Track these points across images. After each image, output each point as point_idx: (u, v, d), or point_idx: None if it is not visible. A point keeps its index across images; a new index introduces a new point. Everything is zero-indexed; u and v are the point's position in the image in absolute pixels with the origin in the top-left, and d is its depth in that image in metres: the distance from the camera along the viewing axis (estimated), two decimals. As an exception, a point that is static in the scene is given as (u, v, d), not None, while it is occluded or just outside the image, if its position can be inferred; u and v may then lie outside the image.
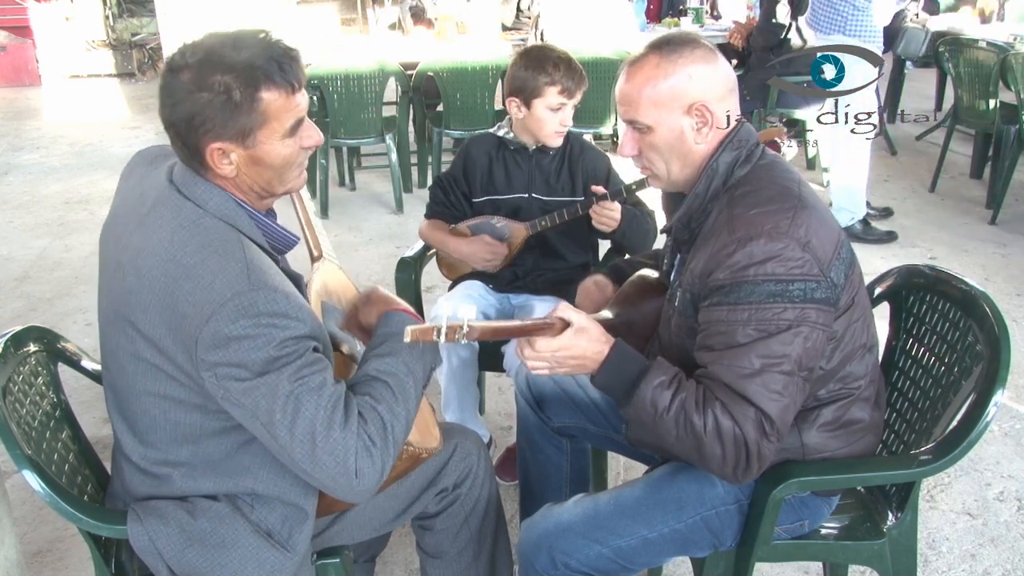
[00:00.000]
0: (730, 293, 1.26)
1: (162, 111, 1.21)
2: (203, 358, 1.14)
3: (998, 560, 2.07)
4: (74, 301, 3.65)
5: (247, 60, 1.17)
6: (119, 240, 1.27)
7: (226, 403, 1.17)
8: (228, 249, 1.18)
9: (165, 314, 1.16)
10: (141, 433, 1.28)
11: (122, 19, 9.66)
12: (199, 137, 1.19)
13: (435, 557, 1.62)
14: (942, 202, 4.74)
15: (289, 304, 1.16)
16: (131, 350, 1.22)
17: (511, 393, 2.56)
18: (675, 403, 1.26)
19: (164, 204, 1.24)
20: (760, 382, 1.23)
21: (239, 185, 1.26)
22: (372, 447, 1.19)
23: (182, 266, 1.16)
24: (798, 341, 1.24)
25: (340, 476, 1.17)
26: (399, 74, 4.58)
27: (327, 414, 1.16)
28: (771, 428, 1.24)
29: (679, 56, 1.34)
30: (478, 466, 1.58)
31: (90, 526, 1.30)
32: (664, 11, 6.55)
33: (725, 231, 1.29)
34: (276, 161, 1.24)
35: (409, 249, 2.48)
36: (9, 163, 6.15)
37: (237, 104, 1.16)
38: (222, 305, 1.12)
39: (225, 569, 1.28)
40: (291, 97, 1.21)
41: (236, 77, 1.16)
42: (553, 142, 2.19)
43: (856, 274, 1.36)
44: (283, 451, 1.18)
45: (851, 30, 3.83)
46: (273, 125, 1.20)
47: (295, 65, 1.21)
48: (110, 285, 1.27)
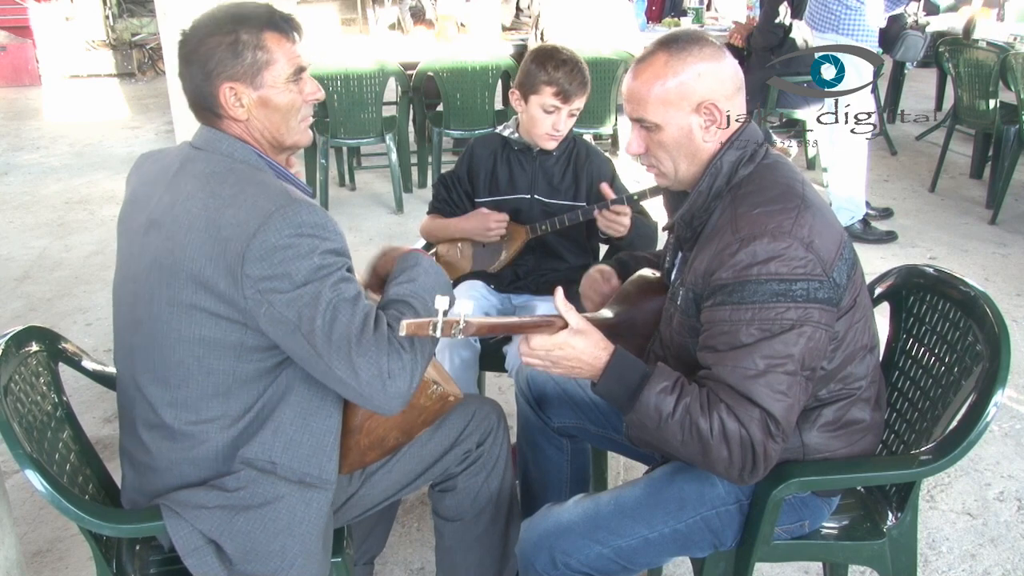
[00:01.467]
0: (733, 293, 1.26)
1: (180, 69, 1.34)
2: (248, 273, 1.22)
3: (998, 560, 2.07)
4: (74, 301, 3.65)
5: (252, 11, 1.34)
6: (146, 207, 1.35)
7: (268, 320, 1.24)
8: (264, 180, 1.30)
9: (206, 245, 1.24)
10: (174, 388, 1.32)
11: (122, 19, 9.65)
12: (213, 79, 1.32)
13: (453, 520, 1.64)
14: (942, 202, 4.75)
15: (327, 219, 1.27)
16: (167, 297, 1.28)
17: (511, 393, 2.56)
18: (679, 408, 1.26)
19: (191, 161, 1.34)
20: (764, 383, 1.23)
21: (252, 133, 1.36)
22: (402, 351, 1.26)
23: (222, 197, 1.26)
24: (801, 341, 1.24)
25: (375, 379, 1.23)
26: (399, 74, 4.59)
27: (361, 321, 1.24)
28: (776, 428, 1.24)
29: (688, 54, 1.34)
30: (497, 427, 1.64)
31: (93, 525, 1.30)
32: (666, 11, 6.55)
33: (728, 230, 1.29)
34: (282, 104, 1.36)
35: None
36: (9, 163, 6.15)
37: (245, 43, 1.31)
38: (268, 217, 1.22)
39: (277, 522, 1.32)
40: (292, 44, 1.36)
41: (243, 23, 1.32)
42: (544, 144, 2.18)
43: (858, 275, 1.36)
44: (320, 360, 1.24)
45: (844, 29, 3.87)
46: (277, 68, 1.34)
47: (294, 21, 1.37)
48: (142, 248, 1.33)
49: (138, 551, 1.50)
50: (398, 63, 4.59)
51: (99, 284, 3.79)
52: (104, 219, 4.75)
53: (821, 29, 3.97)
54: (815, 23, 4.01)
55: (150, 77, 9.61)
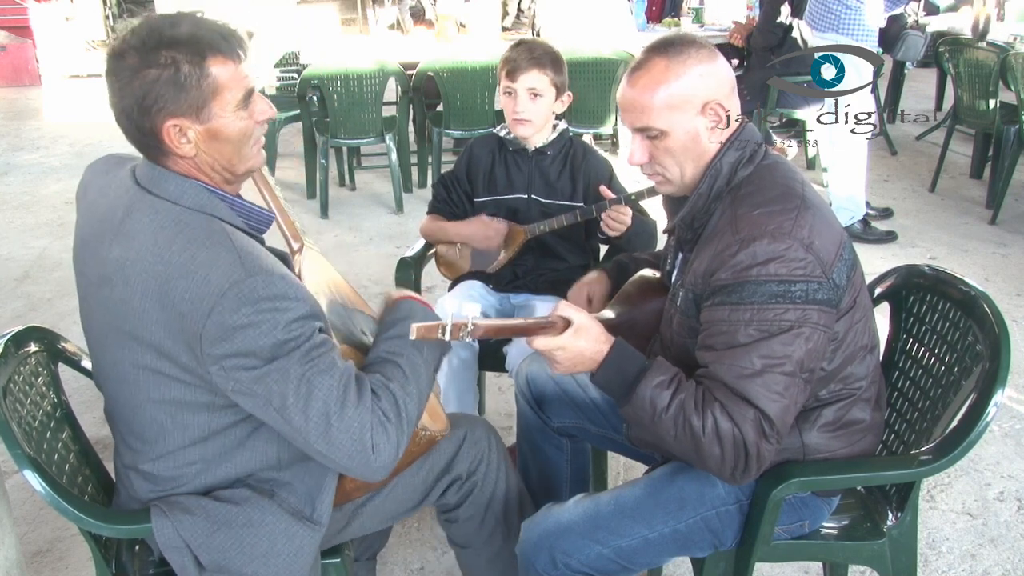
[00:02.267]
0: (732, 293, 1.26)
1: (112, 100, 1.19)
2: (209, 352, 1.13)
3: (998, 560, 2.07)
4: (74, 301, 3.62)
5: (190, 33, 1.17)
6: (96, 255, 1.25)
7: (237, 394, 1.17)
8: (215, 240, 1.16)
9: (162, 316, 1.15)
10: (150, 443, 1.28)
11: (122, 19, 9.66)
12: (153, 117, 1.17)
13: (465, 547, 1.62)
14: (942, 202, 4.74)
15: (287, 285, 1.16)
16: (131, 360, 1.22)
17: (511, 393, 2.56)
18: (674, 403, 1.26)
19: (138, 209, 1.22)
20: (761, 382, 1.23)
21: (201, 167, 1.24)
22: (387, 423, 1.19)
23: (172, 265, 1.14)
24: (799, 342, 1.23)
25: (357, 454, 1.17)
26: (399, 74, 4.58)
27: (340, 393, 1.16)
28: (771, 429, 1.24)
29: (687, 56, 1.33)
30: (490, 452, 1.58)
31: (92, 526, 1.30)
32: (666, 11, 6.54)
33: (729, 231, 1.29)
34: (233, 135, 1.22)
35: (409, 249, 2.48)
36: (9, 163, 6.15)
37: (187, 76, 1.16)
38: (222, 296, 1.11)
39: (255, 548, 1.28)
40: (238, 67, 1.21)
41: (182, 50, 1.15)
42: (515, 130, 2.18)
43: (858, 275, 1.36)
44: (297, 435, 1.17)
45: (844, 28, 3.87)
46: (225, 96, 1.20)
47: (236, 36, 1.21)
48: (98, 301, 1.26)
49: (138, 551, 1.50)
50: (398, 63, 4.59)
51: (99, 284, 3.78)
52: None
53: (821, 29, 3.97)
54: (815, 23, 4.02)
55: (150, 77, 9.60)
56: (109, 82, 1.18)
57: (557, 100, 2.16)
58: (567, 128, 2.26)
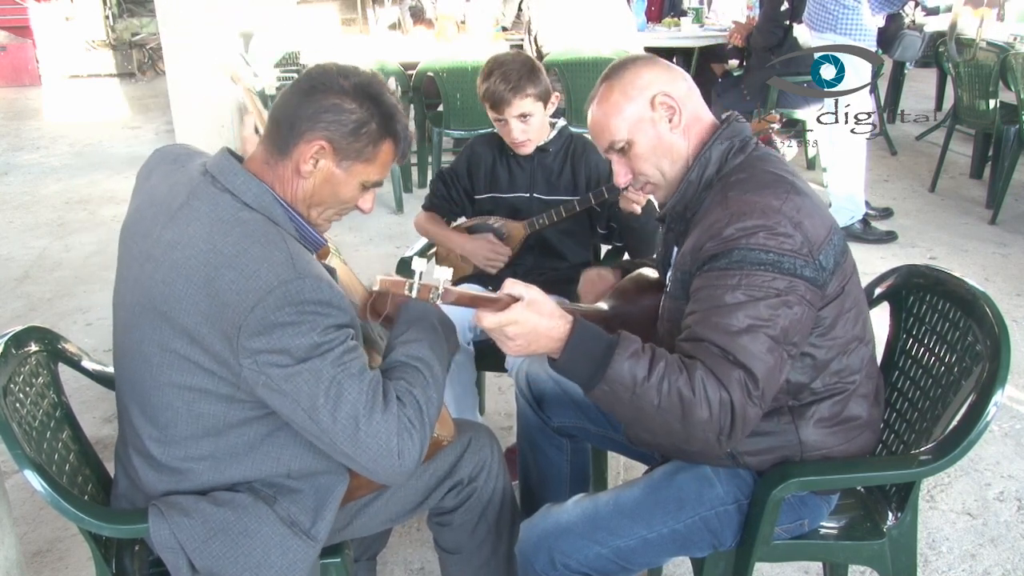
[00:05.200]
0: (721, 258, 1.26)
1: (293, 95, 1.28)
2: (245, 345, 1.16)
3: (998, 560, 2.07)
4: (74, 301, 3.65)
5: (392, 108, 1.31)
6: (148, 235, 1.28)
7: (265, 390, 1.19)
8: (270, 239, 1.20)
9: (204, 303, 1.18)
10: (162, 427, 1.29)
11: (122, 19, 9.67)
12: (317, 129, 1.26)
13: (454, 553, 1.62)
14: (942, 202, 4.75)
15: (333, 294, 1.20)
16: (158, 341, 1.24)
17: (511, 393, 2.56)
18: (656, 370, 1.22)
19: (199, 197, 1.26)
20: (748, 339, 1.22)
21: (295, 187, 1.30)
22: (412, 428, 1.22)
23: (223, 255, 1.18)
24: (784, 309, 1.24)
25: (383, 458, 1.20)
26: (399, 74, 4.58)
27: (369, 398, 1.19)
28: (756, 389, 1.22)
29: (624, 70, 1.41)
30: (492, 459, 1.59)
31: (92, 525, 1.30)
32: (666, 11, 6.54)
33: (719, 209, 1.31)
34: (341, 193, 1.32)
35: (409, 249, 2.48)
36: (9, 163, 6.15)
37: (367, 131, 1.28)
38: (269, 292, 1.15)
39: (249, 558, 1.28)
40: (391, 164, 1.34)
41: (381, 114, 1.29)
42: (519, 151, 2.17)
43: (848, 264, 1.37)
44: (324, 435, 1.19)
45: (842, 28, 3.88)
46: (368, 170, 1.31)
47: (410, 145, 1.37)
48: (137, 279, 1.28)
49: (137, 551, 1.50)
50: (398, 63, 4.59)
51: (99, 284, 3.79)
52: (104, 219, 4.75)
53: (819, 29, 3.98)
54: (813, 23, 4.02)
55: (150, 77, 9.62)
56: (306, 84, 1.28)
57: (546, 108, 2.15)
58: (566, 125, 2.27)
